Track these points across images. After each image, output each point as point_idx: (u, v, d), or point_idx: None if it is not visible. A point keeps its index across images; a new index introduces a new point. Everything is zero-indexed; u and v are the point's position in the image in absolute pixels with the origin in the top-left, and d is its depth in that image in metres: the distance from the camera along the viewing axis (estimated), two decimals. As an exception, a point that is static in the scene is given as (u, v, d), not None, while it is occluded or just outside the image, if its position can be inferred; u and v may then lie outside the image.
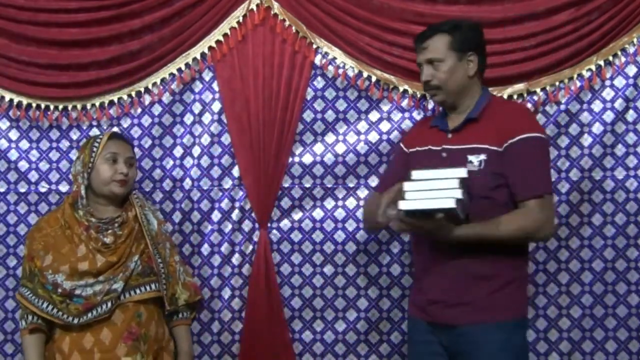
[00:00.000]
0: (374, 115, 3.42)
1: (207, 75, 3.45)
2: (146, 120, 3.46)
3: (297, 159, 3.43)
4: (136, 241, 3.03)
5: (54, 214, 3.11)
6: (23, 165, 3.50)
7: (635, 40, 3.27)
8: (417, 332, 2.84)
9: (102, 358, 2.92)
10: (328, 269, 3.42)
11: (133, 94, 3.45)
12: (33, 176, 3.49)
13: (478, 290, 2.65)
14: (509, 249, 2.67)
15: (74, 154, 3.46)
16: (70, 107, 3.46)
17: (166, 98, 3.46)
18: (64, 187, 3.47)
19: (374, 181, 3.40)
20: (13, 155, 3.50)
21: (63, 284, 2.91)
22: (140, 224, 3.05)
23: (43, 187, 3.49)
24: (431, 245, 2.73)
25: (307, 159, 3.43)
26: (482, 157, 2.66)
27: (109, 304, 2.92)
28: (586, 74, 3.29)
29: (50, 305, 2.94)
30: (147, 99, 3.46)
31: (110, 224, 3.01)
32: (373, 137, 3.41)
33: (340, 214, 3.42)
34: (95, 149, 3.04)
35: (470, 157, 2.67)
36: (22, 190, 3.49)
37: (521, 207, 2.65)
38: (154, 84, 3.45)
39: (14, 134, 3.50)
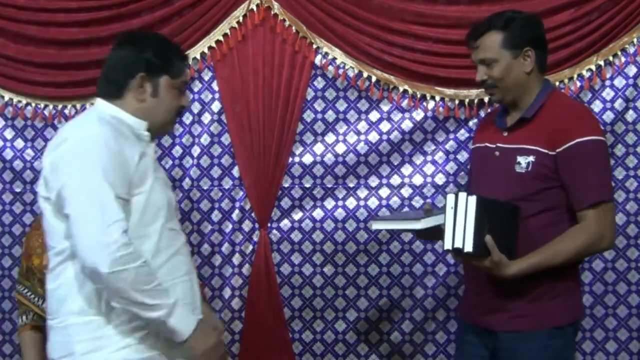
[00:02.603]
0: (374, 116, 3.42)
1: (207, 75, 3.44)
2: (145, 120, 3.45)
3: (297, 159, 3.43)
4: None
5: None
6: (18, 164, 3.48)
7: (635, 40, 3.28)
8: (465, 333, 2.79)
9: None
10: (328, 269, 3.41)
11: (132, 93, 3.44)
12: (28, 175, 3.48)
13: (514, 298, 2.55)
14: None
15: (69, 154, 3.44)
16: (69, 106, 3.44)
17: (165, 97, 3.44)
18: (60, 187, 3.45)
19: (374, 181, 3.40)
20: (8, 154, 3.48)
21: None
22: None
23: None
24: None
25: (307, 159, 3.43)
26: (531, 159, 2.54)
27: None
28: (586, 74, 3.30)
29: None
30: (146, 98, 3.44)
31: None
32: (373, 137, 3.42)
33: (340, 214, 3.41)
34: None
35: (519, 158, 2.55)
36: (18, 190, 3.47)
37: (578, 218, 2.52)
38: (153, 84, 3.43)
39: (9, 133, 3.49)
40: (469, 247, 2.38)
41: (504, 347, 2.59)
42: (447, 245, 2.42)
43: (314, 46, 3.40)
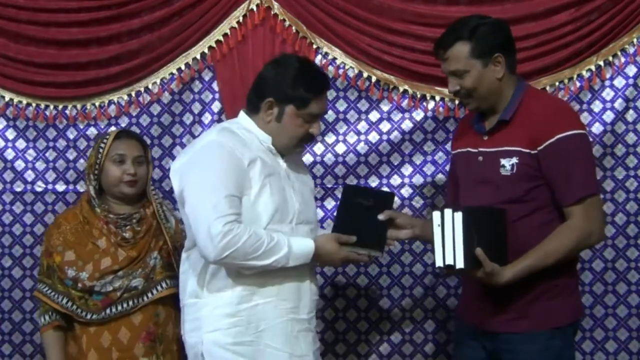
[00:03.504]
0: (374, 116, 3.43)
1: (207, 75, 3.45)
2: (145, 120, 3.46)
3: (297, 159, 3.43)
4: (154, 237, 2.96)
5: (72, 210, 3.04)
6: (19, 164, 3.48)
7: (635, 40, 3.29)
8: (462, 334, 2.79)
9: (120, 357, 2.85)
10: (328, 270, 3.40)
11: (133, 93, 3.44)
12: (29, 175, 3.48)
13: (513, 299, 2.55)
14: None
15: (70, 154, 3.46)
16: (69, 107, 3.45)
17: (165, 98, 3.45)
18: (60, 187, 3.46)
19: (374, 181, 3.40)
20: (9, 154, 3.49)
21: (85, 281, 2.85)
22: (158, 220, 3.01)
23: (39, 187, 3.47)
24: None
25: (307, 159, 3.42)
26: (514, 160, 2.53)
27: (131, 303, 2.86)
28: (586, 74, 3.31)
29: (70, 302, 2.88)
30: (146, 99, 3.45)
31: (129, 219, 2.94)
32: (373, 137, 3.42)
33: (340, 214, 3.41)
34: (101, 150, 2.95)
35: (503, 161, 2.54)
36: (18, 189, 3.48)
37: (566, 215, 2.52)
38: (154, 84, 3.44)
39: (10, 133, 3.49)
40: (460, 264, 2.39)
41: (504, 348, 2.58)
42: (439, 262, 2.42)
43: (314, 46, 3.40)
